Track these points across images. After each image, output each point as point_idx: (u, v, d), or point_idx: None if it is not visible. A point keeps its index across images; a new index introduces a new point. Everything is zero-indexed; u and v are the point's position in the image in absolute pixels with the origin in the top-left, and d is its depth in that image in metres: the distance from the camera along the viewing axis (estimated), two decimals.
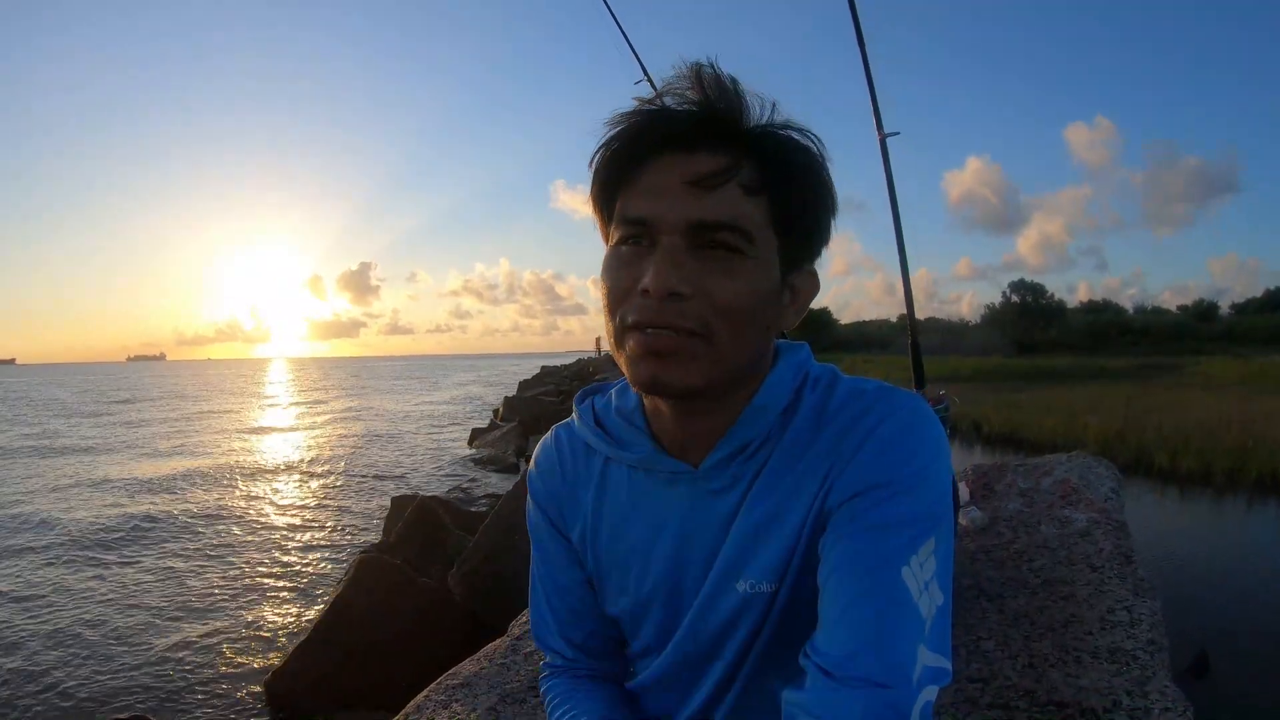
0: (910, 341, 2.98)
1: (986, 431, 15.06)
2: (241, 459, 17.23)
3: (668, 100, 0.76)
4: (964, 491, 3.14)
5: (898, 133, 2.85)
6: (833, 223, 0.82)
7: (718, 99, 0.75)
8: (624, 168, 0.77)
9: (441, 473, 14.11)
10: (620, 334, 0.77)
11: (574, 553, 1.00)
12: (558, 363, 71.95)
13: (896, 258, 2.80)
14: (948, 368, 26.77)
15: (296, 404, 39.68)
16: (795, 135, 0.77)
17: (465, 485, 11.16)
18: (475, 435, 18.57)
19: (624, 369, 0.80)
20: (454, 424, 23.88)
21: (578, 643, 1.03)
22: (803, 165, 0.77)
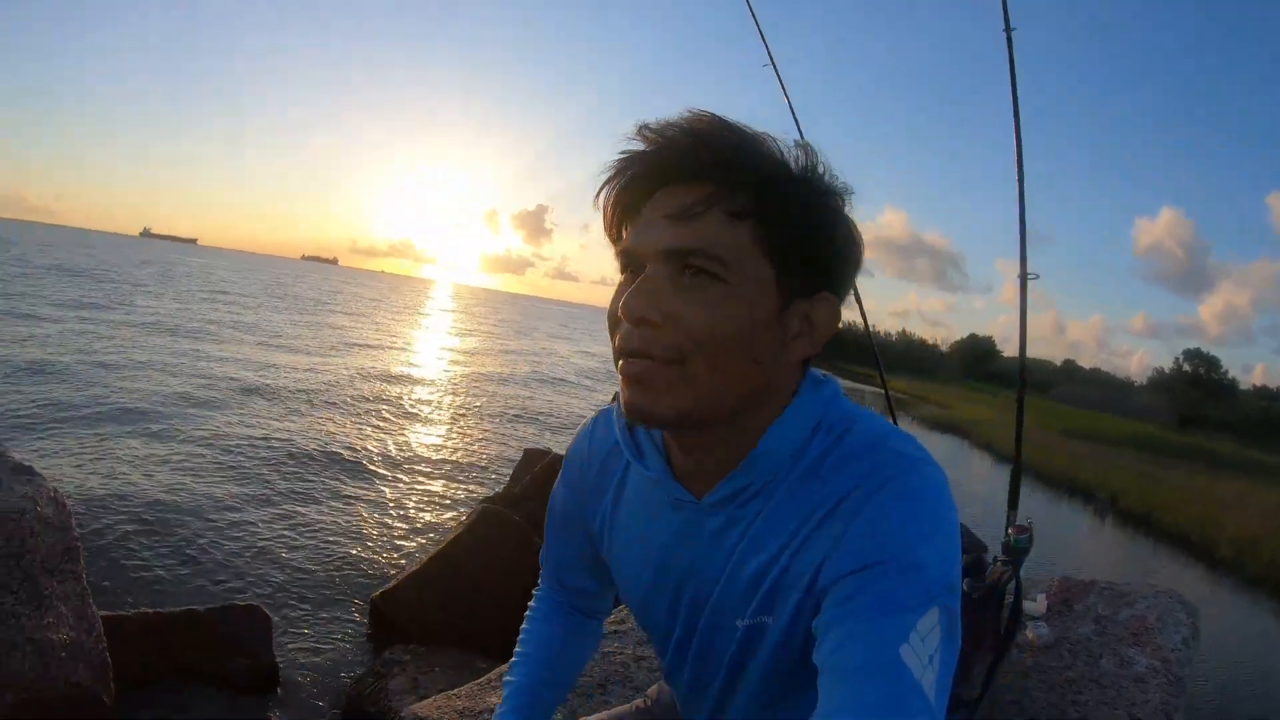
0: (1015, 435, 2.67)
1: (1121, 505, 14.00)
2: (405, 388, 16.29)
3: (662, 139, 0.74)
4: (1041, 603, 3.07)
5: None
6: (850, 249, 0.80)
7: (707, 136, 0.73)
8: (625, 208, 0.77)
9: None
10: (615, 361, 0.78)
11: (588, 539, 1.03)
12: None
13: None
14: (1100, 426, 25.18)
15: (471, 333, 39.46)
16: (790, 164, 0.76)
17: None
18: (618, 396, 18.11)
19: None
20: (606, 380, 23.57)
21: (569, 586, 1.12)
22: (796, 192, 0.75)
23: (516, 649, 1.12)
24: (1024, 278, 2.59)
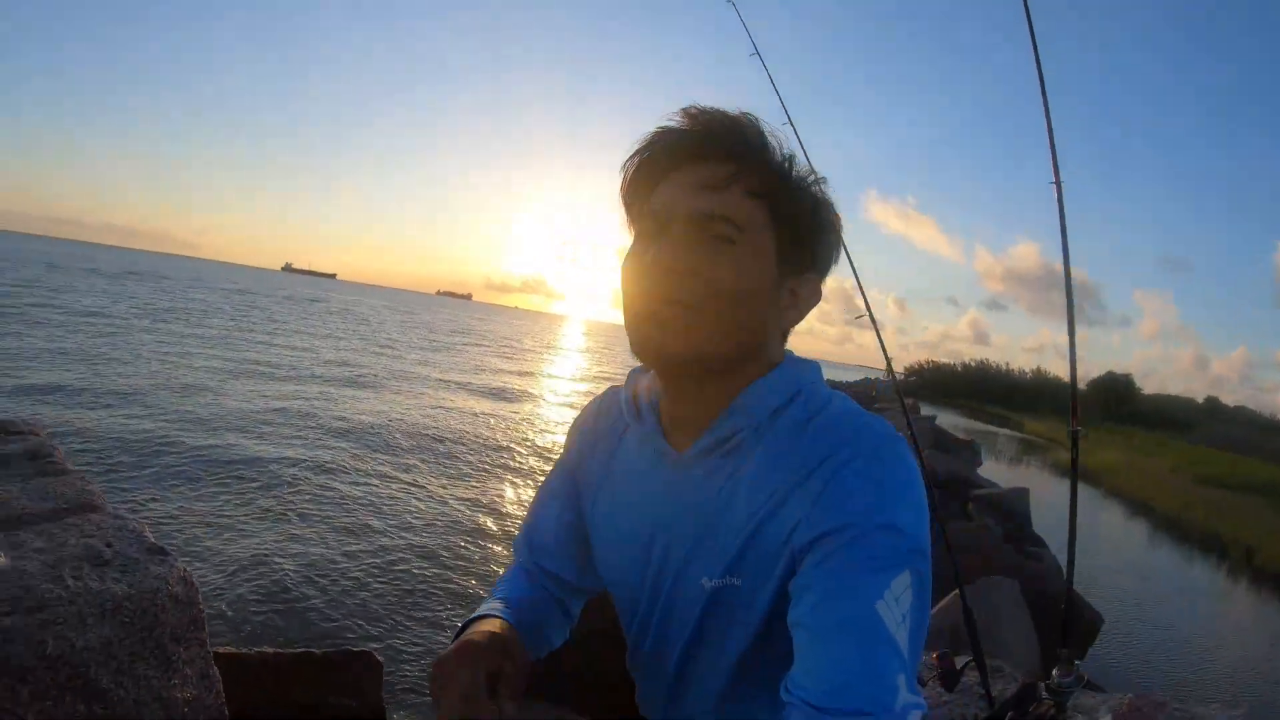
0: (1068, 542, 2.55)
1: (1258, 561, 12.88)
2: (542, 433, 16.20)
3: (693, 123, 0.87)
4: None
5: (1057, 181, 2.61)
6: (833, 240, 0.92)
7: (732, 123, 0.86)
8: (652, 175, 0.88)
9: None
10: (628, 308, 0.87)
11: (578, 512, 1.08)
12: (843, 377, 68.36)
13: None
14: (1241, 470, 23.33)
15: (598, 368, 40.03)
16: (800, 167, 0.88)
17: None
18: None
19: (631, 343, 0.87)
20: None
21: (547, 570, 1.10)
22: (801, 182, 0.88)
23: (488, 600, 1.05)
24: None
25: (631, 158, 0.90)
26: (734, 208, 0.84)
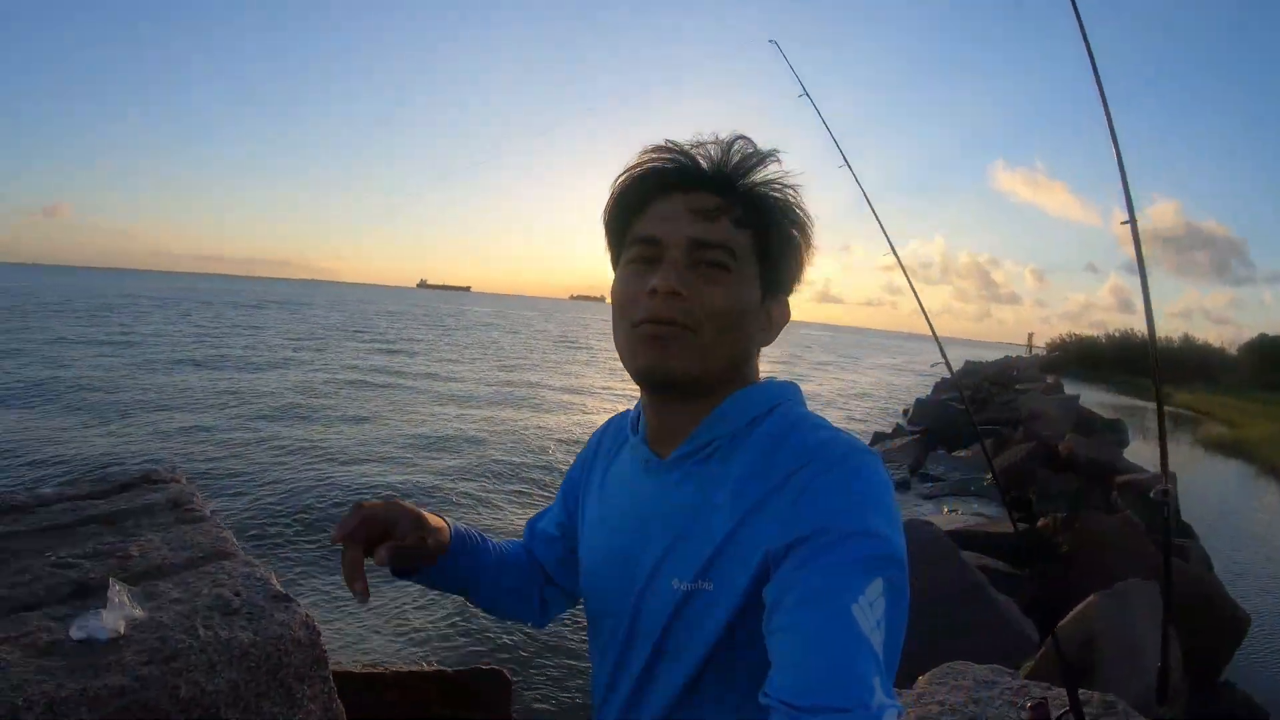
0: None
1: None
2: None
3: (681, 154, 0.92)
4: None
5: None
6: (805, 260, 0.97)
7: (718, 155, 0.92)
8: (640, 198, 0.93)
9: None
10: (629, 331, 0.91)
11: (573, 514, 1.15)
12: (983, 355, 65.52)
13: None
14: None
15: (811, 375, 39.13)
16: (779, 188, 0.93)
17: None
18: (876, 439, 16.47)
19: (627, 361, 0.92)
20: (860, 417, 22.23)
21: (540, 557, 1.20)
22: (780, 211, 0.92)
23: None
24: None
25: (621, 180, 0.95)
26: (726, 236, 0.89)
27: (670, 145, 0.94)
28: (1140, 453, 14.55)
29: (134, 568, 2.51)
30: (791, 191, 0.94)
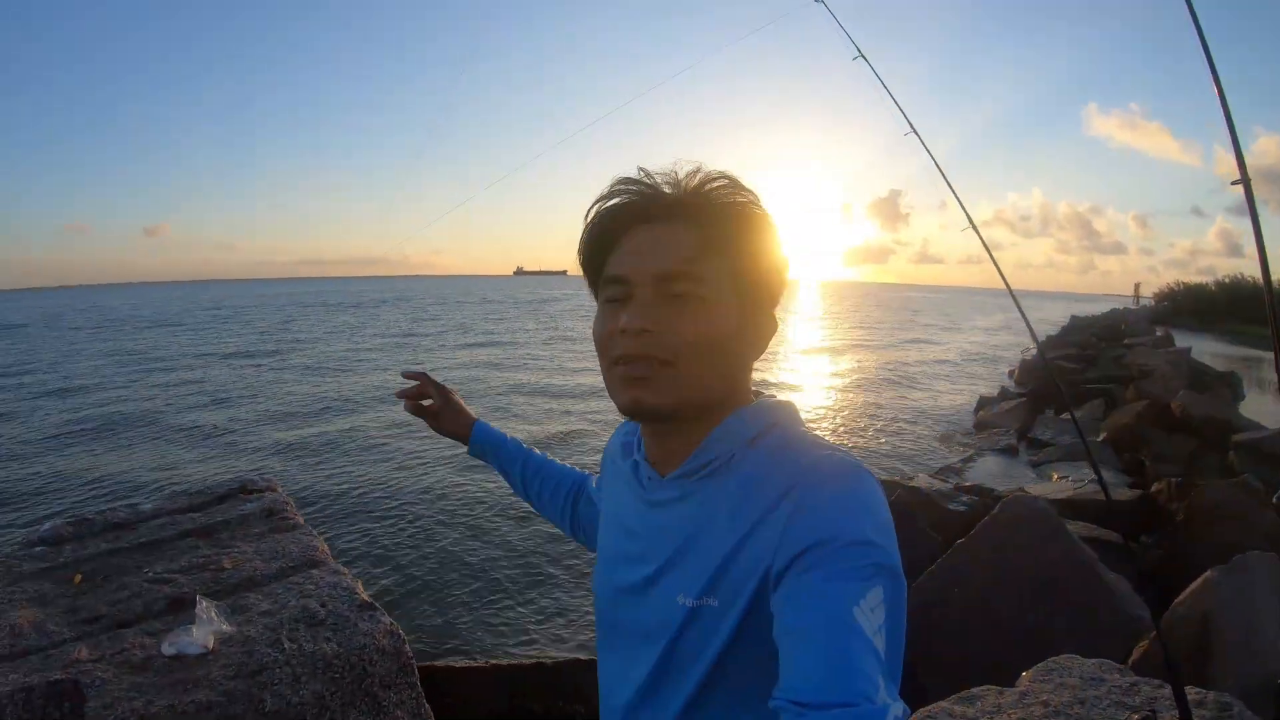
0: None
1: None
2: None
3: (642, 185, 0.93)
4: None
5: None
6: (781, 269, 0.96)
7: (683, 184, 0.92)
8: (609, 236, 0.94)
9: (935, 443, 12.60)
10: (608, 370, 0.93)
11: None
12: (1090, 308, 63.20)
13: None
14: None
15: (833, 337, 37.72)
16: (748, 209, 0.93)
17: (958, 465, 10.00)
18: (981, 404, 15.61)
19: (612, 398, 0.94)
20: (967, 379, 21.44)
21: (580, 507, 1.38)
22: (749, 231, 0.92)
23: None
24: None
25: (588, 219, 0.97)
26: (694, 263, 0.89)
27: (633, 178, 0.95)
28: (1257, 408, 13.77)
29: (226, 580, 2.59)
30: (756, 204, 0.94)
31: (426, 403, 1.43)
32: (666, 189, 0.93)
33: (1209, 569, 3.49)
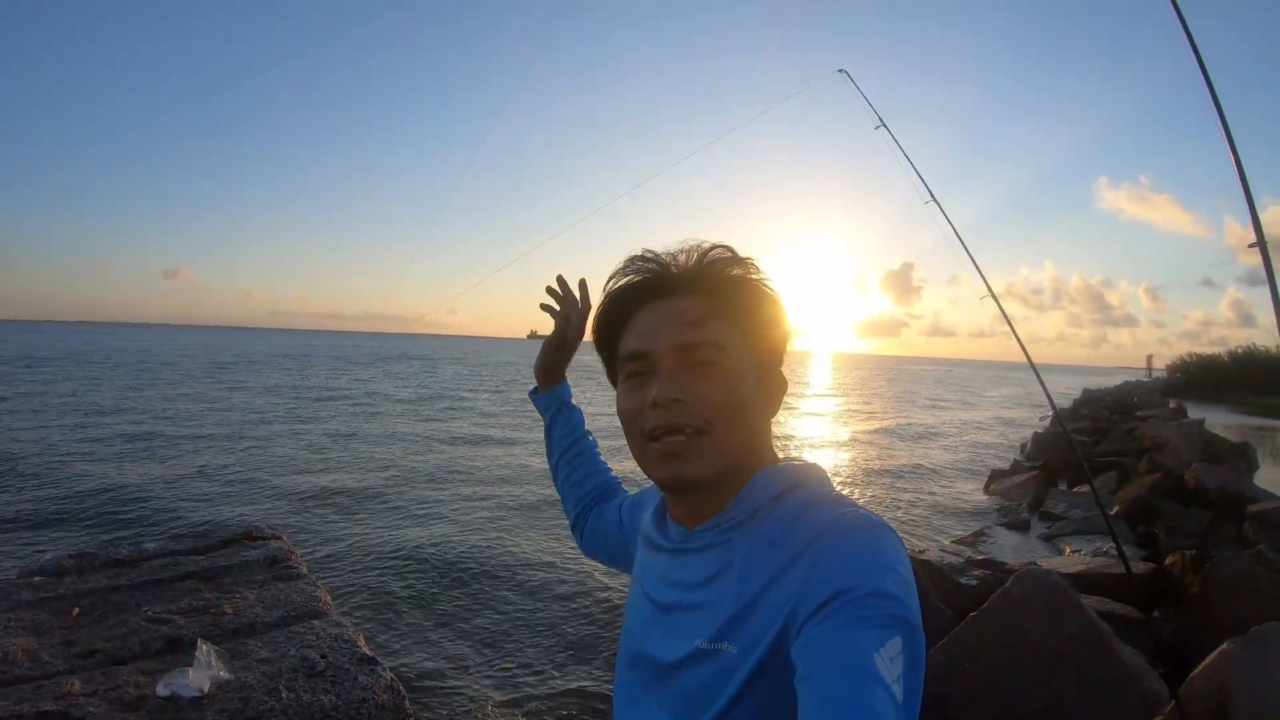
0: None
1: None
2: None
3: (650, 263, 1.00)
4: None
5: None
6: (785, 330, 1.02)
7: (688, 260, 0.99)
8: (619, 317, 1.01)
9: (947, 517, 12.30)
10: (643, 446, 0.95)
11: (627, 525, 1.29)
12: (1102, 381, 62.71)
13: None
14: None
15: (844, 409, 37.68)
16: (748, 275, 0.99)
17: (970, 538, 9.90)
18: (994, 477, 15.28)
19: (648, 473, 0.97)
20: (979, 451, 21.33)
21: (597, 502, 1.43)
22: (753, 295, 0.98)
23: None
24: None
25: (601, 302, 1.04)
26: (712, 334, 0.94)
27: (641, 257, 1.01)
28: (1272, 478, 13.61)
29: (226, 625, 2.55)
30: (760, 275, 1.00)
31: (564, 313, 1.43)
32: (673, 266, 0.99)
33: (1226, 641, 3.42)
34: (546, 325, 1.45)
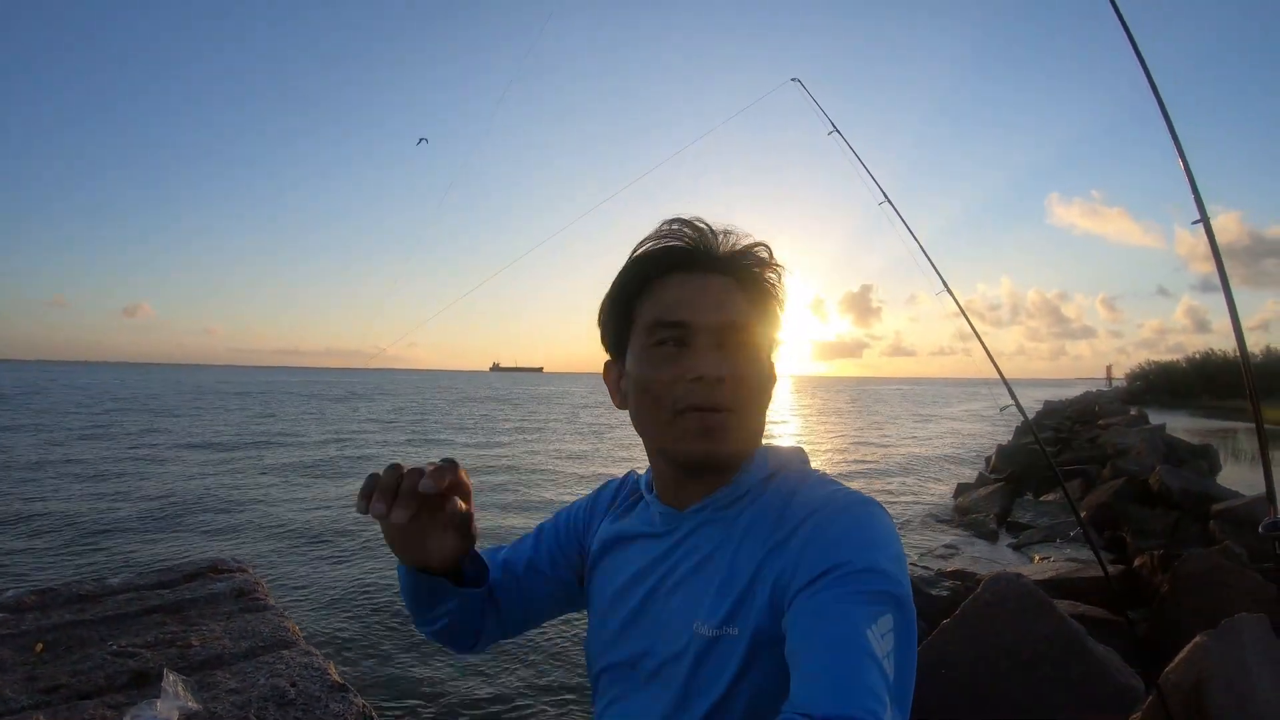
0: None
1: None
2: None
3: (693, 233, 0.98)
4: None
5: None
6: (780, 327, 1.01)
7: (731, 244, 0.98)
8: (661, 271, 0.97)
9: (916, 531, 12.25)
10: (671, 419, 0.92)
11: (570, 561, 1.13)
12: (1063, 393, 63.68)
13: None
14: None
15: (808, 429, 38.08)
16: (770, 265, 0.99)
17: (940, 550, 9.90)
18: (960, 490, 15.54)
19: (672, 445, 0.93)
20: (944, 466, 21.44)
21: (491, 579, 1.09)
22: (776, 297, 1.00)
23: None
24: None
25: (639, 252, 0.99)
26: (746, 315, 0.95)
27: (683, 223, 0.99)
28: (1235, 477, 13.86)
29: (194, 657, 2.49)
30: (778, 267, 1.01)
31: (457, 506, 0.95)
32: (718, 246, 0.98)
33: (1198, 634, 3.45)
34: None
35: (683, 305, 0.94)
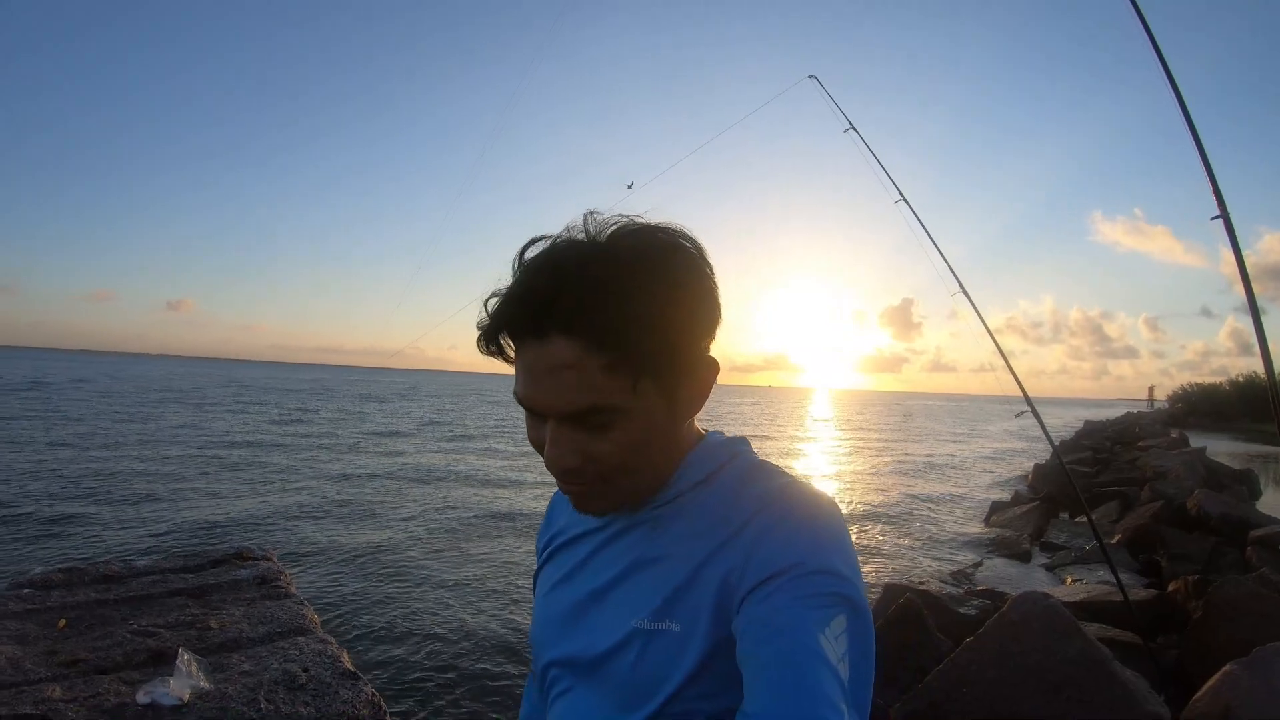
0: None
1: None
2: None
3: (524, 288, 0.78)
4: None
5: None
6: (711, 333, 0.85)
7: (563, 285, 0.76)
8: (500, 349, 0.82)
9: (948, 548, 12.05)
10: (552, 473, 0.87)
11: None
12: (1103, 413, 62.70)
13: None
14: None
15: (846, 444, 37.02)
16: (658, 286, 0.78)
17: (970, 569, 9.79)
18: (994, 510, 15.01)
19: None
20: (980, 484, 21.08)
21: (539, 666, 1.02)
22: (645, 322, 0.77)
23: None
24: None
25: (480, 330, 0.83)
26: (599, 393, 0.78)
27: (539, 266, 0.80)
28: (1276, 503, 13.58)
29: (211, 639, 2.52)
30: (671, 264, 0.81)
31: None
32: (544, 300, 0.77)
33: (1229, 664, 3.36)
34: None
35: (528, 383, 0.80)
